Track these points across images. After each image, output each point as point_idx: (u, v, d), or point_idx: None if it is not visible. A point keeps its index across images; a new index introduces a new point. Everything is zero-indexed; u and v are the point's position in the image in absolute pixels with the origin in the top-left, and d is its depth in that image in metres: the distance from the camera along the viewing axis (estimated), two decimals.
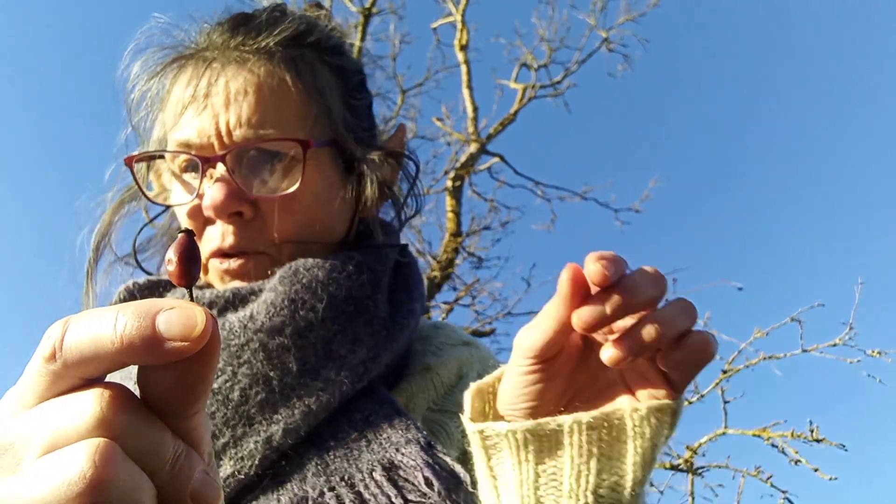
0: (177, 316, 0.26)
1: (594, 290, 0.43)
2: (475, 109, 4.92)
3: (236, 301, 0.61)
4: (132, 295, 0.67)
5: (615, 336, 0.43)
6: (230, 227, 0.64)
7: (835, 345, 2.41)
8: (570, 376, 0.48)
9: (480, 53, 4.79)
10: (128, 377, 0.58)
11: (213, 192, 0.62)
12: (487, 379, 0.51)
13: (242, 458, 0.55)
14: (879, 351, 2.26)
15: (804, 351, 2.49)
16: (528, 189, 5.05)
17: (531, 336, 0.45)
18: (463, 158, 4.82)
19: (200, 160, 0.63)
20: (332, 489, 0.53)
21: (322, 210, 0.67)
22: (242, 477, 0.55)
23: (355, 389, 0.60)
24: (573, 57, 5.07)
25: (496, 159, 5.01)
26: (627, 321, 0.44)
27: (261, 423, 0.57)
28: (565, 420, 0.45)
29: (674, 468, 3.13)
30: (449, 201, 4.72)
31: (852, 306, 2.37)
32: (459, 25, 4.74)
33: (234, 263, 0.64)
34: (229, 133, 0.63)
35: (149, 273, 0.74)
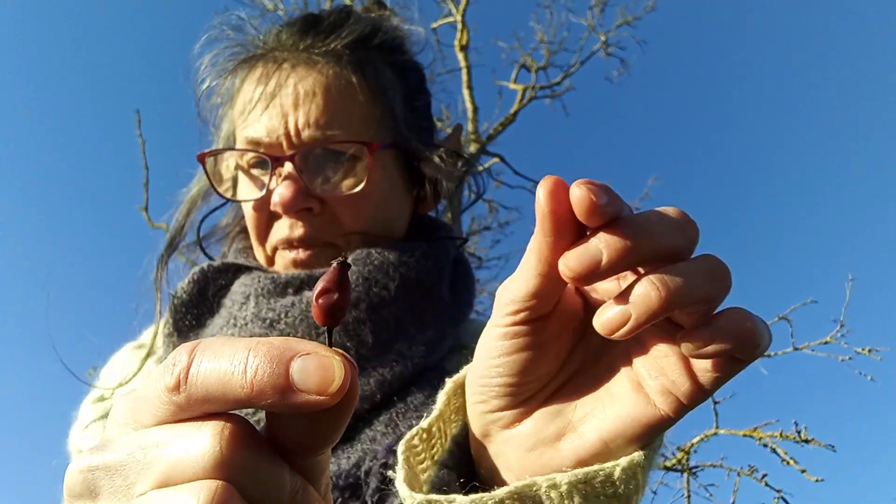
0: (314, 366, 0.24)
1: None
2: (475, 110, 4.93)
3: (311, 281, 0.64)
4: (205, 276, 0.69)
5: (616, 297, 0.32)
6: (299, 221, 0.66)
7: (826, 342, 2.41)
8: (565, 352, 0.38)
9: (480, 56, 4.80)
10: None
11: (281, 189, 0.64)
12: (464, 372, 0.42)
13: None
14: (870, 349, 2.26)
15: (795, 349, 2.48)
16: (528, 190, 5.05)
17: (511, 284, 0.35)
18: None
19: (270, 159, 0.65)
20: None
21: (386, 207, 0.70)
22: None
23: (426, 364, 0.63)
24: (571, 60, 5.09)
25: (496, 159, 5.01)
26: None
27: None
28: (540, 482, 0.35)
29: (667, 468, 3.12)
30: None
31: (843, 304, 2.37)
32: (460, 26, 4.75)
33: (303, 254, 0.67)
34: (298, 133, 0.65)
35: (212, 259, 0.76)
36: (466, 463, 0.42)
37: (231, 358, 0.24)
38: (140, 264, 0.76)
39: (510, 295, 0.35)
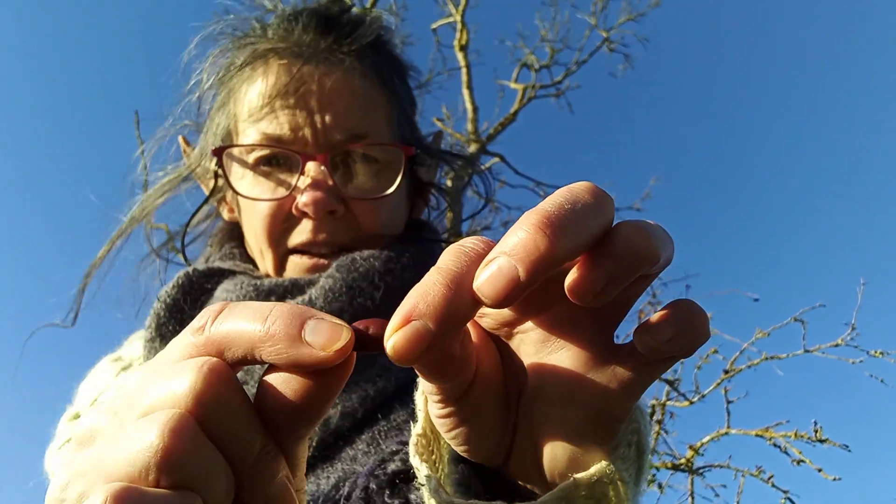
0: (325, 326, 0.26)
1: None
2: (475, 110, 4.91)
3: (294, 290, 0.62)
4: (190, 280, 0.68)
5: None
6: (323, 224, 0.65)
7: (837, 345, 2.42)
8: (501, 387, 0.34)
9: (481, 55, 4.79)
10: None
11: (314, 190, 0.62)
12: None
13: None
14: (882, 351, 2.26)
15: (806, 351, 2.49)
16: (530, 189, 5.04)
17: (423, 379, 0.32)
18: None
19: (301, 156, 0.63)
20: (381, 466, 0.50)
21: (398, 211, 0.70)
22: None
23: (410, 377, 0.60)
24: (574, 57, 5.07)
25: (496, 159, 5.00)
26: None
27: None
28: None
29: (675, 468, 3.13)
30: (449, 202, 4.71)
31: (854, 307, 2.37)
32: (459, 26, 4.73)
33: (322, 262, 0.66)
34: (325, 132, 0.63)
35: (188, 263, 0.75)
36: None
37: (256, 310, 0.27)
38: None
39: (425, 388, 0.34)
